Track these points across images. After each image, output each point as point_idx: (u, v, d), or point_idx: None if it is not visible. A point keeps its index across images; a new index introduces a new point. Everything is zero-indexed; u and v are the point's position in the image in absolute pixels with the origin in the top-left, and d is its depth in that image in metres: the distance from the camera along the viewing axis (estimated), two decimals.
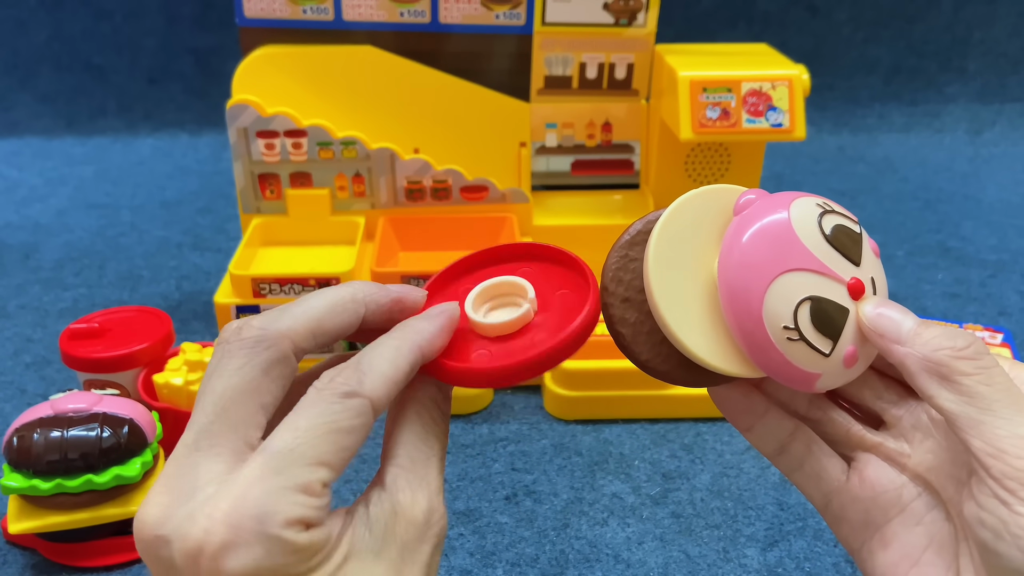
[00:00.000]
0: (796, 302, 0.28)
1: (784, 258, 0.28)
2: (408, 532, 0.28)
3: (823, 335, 0.29)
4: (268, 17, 0.69)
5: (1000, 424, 0.26)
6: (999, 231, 0.97)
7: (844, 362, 0.29)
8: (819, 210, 0.30)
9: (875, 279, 0.30)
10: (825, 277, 0.29)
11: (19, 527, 0.47)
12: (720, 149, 0.75)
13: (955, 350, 0.27)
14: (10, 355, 0.70)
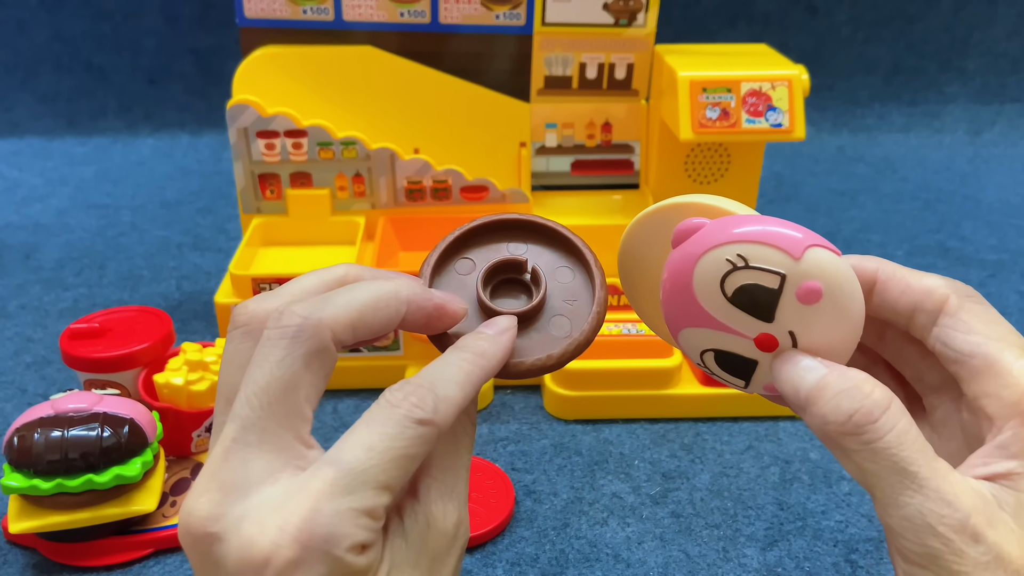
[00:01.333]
0: (700, 350, 0.30)
1: (686, 315, 0.29)
2: (439, 543, 0.28)
3: (734, 376, 0.30)
4: (268, 17, 0.69)
5: (886, 503, 0.25)
6: (998, 231, 0.97)
7: (766, 390, 0.30)
8: (726, 268, 0.28)
9: (797, 331, 0.28)
10: (726, 333, 0.29)
11: (19, 527, 0.47)
12: (720, 149, 0.75)
13: (838, 425, 0.26)
14: (10, 355, 0.70)
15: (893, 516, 0.25)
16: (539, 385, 0.66)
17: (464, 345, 0.30)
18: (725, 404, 0.63)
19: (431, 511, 0.28)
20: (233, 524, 0.25)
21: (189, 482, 0.54)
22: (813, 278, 0.27)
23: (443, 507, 0.28)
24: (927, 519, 0.24)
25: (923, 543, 0.25)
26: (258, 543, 0.24)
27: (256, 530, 0.24)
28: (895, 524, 0.25)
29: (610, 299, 0.66)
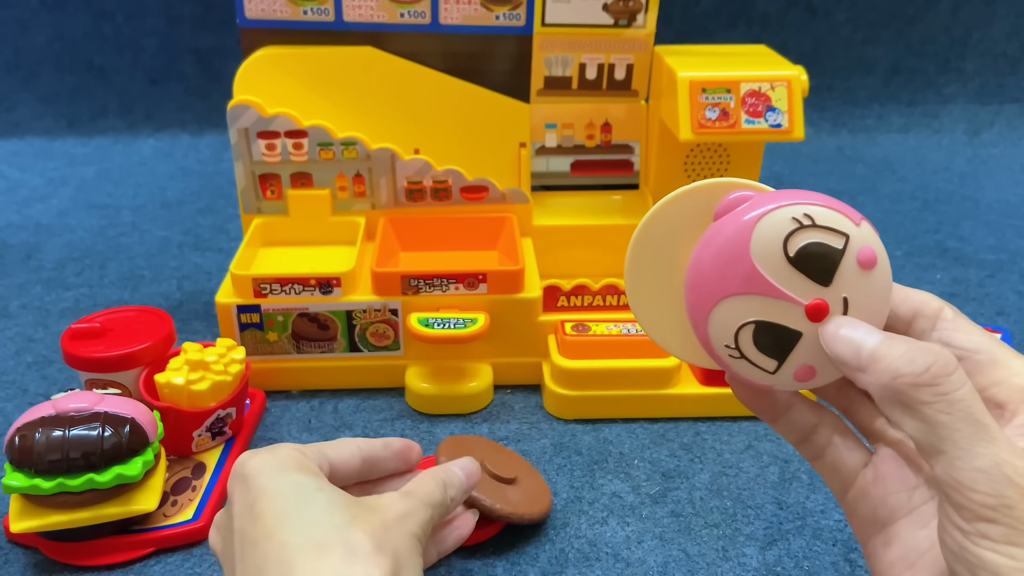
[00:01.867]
0: (738, 325, 0.28)
1: (734, 281, 0.28)
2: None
3: (767, 356, 0.29)
4: (269, 18, 0.69)
5: (958, 455, 0.26)
6: (997, 231, 0.97)
7: (795, 378, 0.29)
8: (792, 226, 0.27)
9: (851, 297, 0.28)
10: (777, 299, 0.28)
11: (21, 526, 0.47)
12: (719, 149, 0.76)
13: (914, 376, 0.26)
14: (12, 355, 0.71)
15: (966, 468, 0.25)
16: (539, 385, 0.66)
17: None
18: (725, 404, 0.63)
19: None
20: None
21: (190, 481, 0.55)
22: (870, 244, 0.28)
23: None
24: (1003, 469, 0.25)
25: (1000, 493, 0.25)
26: None
27: None
28: (967, 477, 0.25)
29: (609, 299, 0.67)
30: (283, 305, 0.63)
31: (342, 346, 0.65)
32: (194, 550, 0.51)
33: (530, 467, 0.55)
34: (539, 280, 0.67)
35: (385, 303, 0.64)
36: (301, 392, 0.66)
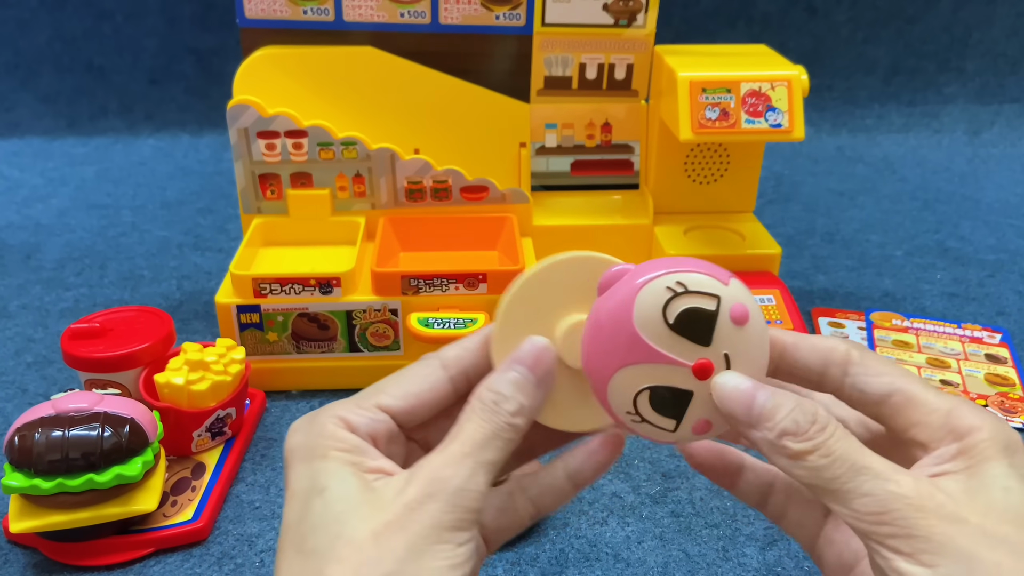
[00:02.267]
0: (635, 392, 0.31)
1: (624, 353, 0.30)
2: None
3: (665, 416, 0.31)
4: (269, 18, 0.69)
5: (846, 491, 0.28)
6: (997, 231, 0.97)
7: (694, 431, 0.31)
8: (667, 295, 0.30)
9: (731, 352, 0.30)
10: (665, 364, 0.30)
11: (20, 526, 0.47)
12: (719, 149, 0.76)
13: (795, 436, 0.29)
14: (11, 355, 0.71)
15: (855, 499, 0.28)
16: None
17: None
18: None
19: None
20: None
21: (189, 481, 0.55)
22: (740, 301, 0.30)
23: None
24: (887, 487, 0.28)
25: (888, 508, 0.27)
26: None
27: None
28: (859, 505, 0.28)
29: None
30: (283, 305, 0.63)
31: (342, 346, 0.65)
32: (194, 550, 0.51)
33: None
34: None
35: (385, 303, 0.64)
36: (301, 392, 0.66)
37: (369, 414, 0.32)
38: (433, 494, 0.29)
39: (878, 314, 0.77)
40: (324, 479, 0.30)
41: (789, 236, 0.95)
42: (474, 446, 0.30)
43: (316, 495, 0.30)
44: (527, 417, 0.32)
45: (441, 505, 0.29)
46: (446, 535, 0.29)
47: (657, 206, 0.76)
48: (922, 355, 0.71)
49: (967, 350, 0.72)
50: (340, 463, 0.31)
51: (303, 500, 0.30)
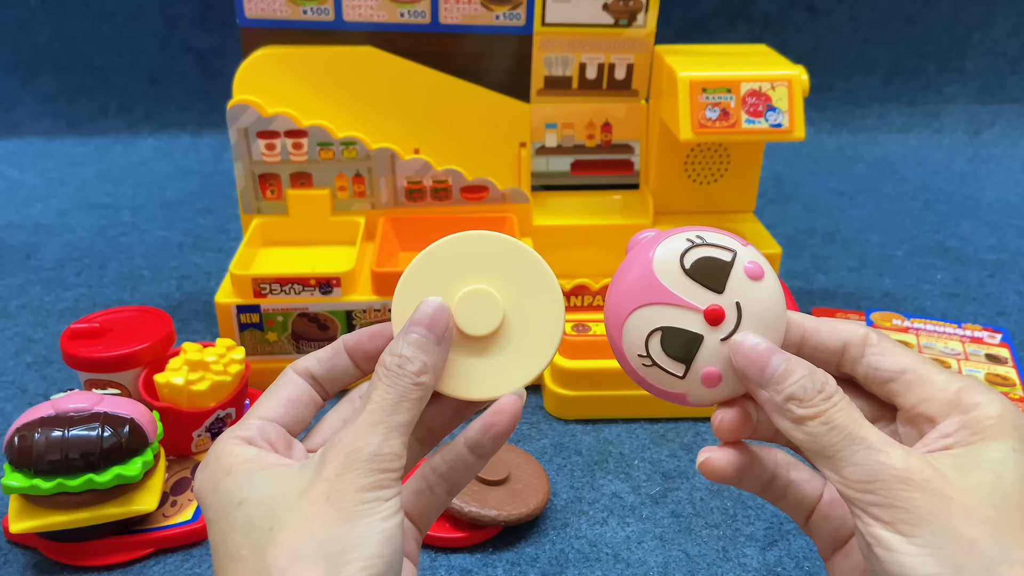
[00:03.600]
0: (647, 332, 0.32)
1: (640, 294, 0.32)
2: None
3: (675, 360, 0.32)
4: (269, 18, 0.69)
5: (840, 458, 0.30)
6: (998, 231, 0.97)
7: (703, 382, 0.32)
8: (685, 245, 0.32)
9: (743, 302, 0.32)
10: (679, 308, 0.32)
11: (20, 526, 0.47)
12: (719, 149, 0.76)
13: (800, 401, 0.30)
14: (11, 355, 0.71)
15: (846, 467, 0.29)
16: (539, 385, 0.66)
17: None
18: None
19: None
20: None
21: (189, 482, 0.55)
22: (755, 260, 0.32)
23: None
24: (877, 458, 0.29)
25: (876, 478, 0.29)
26: None
27: None
28: (849, 472, 0.29)
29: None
30: (283, 305, 0.63)
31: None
32: (194, 550, 0.51)
33: (527, 458, 0.55)
34: None
35: (385, 303, 0.64)
36: None
37: (255, 424, 0.34)
38: (349, 465, 0.30)
39: (878, 314, 0.77)
40: (238, 493, 0.31)
41: (789, 236, 0.95)
42: (382, 412, 0.31)
43: (235, 508, 0.31)
44: (431, 374, 0.33)
45: (359, 472, 0.30)
46: (370, 495, 0.30)
47: (657, 206, 0.76)
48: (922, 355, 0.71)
49: (967, 350, 0.72)
50: (245, 474, 0.31)
51: (223, 519, 0.31)
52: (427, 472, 0.36)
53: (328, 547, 0.29)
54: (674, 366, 0.32)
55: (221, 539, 0.31)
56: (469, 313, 0.34)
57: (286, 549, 0.29)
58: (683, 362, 0.32)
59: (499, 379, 0.35)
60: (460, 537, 0.51)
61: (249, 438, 0.33)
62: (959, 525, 0.28)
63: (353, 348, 0.36)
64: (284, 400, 0.35)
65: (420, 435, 0.36)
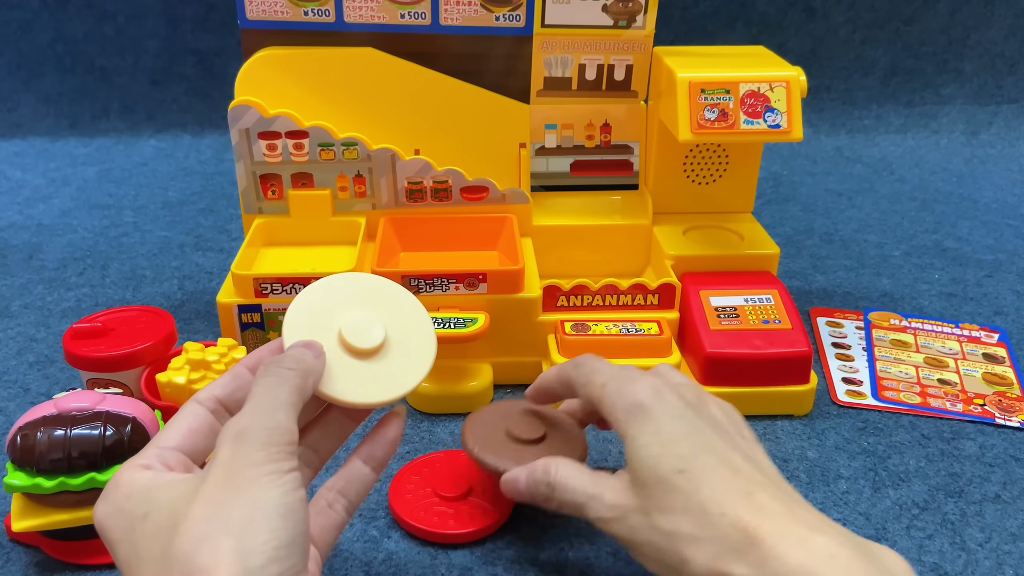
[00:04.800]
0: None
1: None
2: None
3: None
4: (270, 19, 0.69)
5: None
6: (995, 231, 0.97)
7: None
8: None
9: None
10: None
11: (22, 525, 0.47)
12: (718, 150, 0.76)
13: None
14: (14, 354, 0.71)
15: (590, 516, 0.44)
16: None
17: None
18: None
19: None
20: None
21: None
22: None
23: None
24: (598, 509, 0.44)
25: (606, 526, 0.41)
26: None
27: None
28: (593, 521, 0.44)
29: (608, 299, 0.67)
30: (284, 305, 0.64)
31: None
32: None
33: (562, 417, 0.54)
34: (539, 280, 0.67)
35: None
36: None
37: (154, 452, 0.35)
38: (241, 444, 0.31)
39: (876, 314, 0.78)
40: (141, 508, 0.32)
41: (788, 236, 0.95)
42: (263, 396, 0.34)
43: (140, 521, 0.31)
44: (306, 369, 0.36)
45: (252, 447, 0.31)
46: (267, 468, 0.31)
47: (656, 206, 0.76)
48: (920, 355, 0.72)
49: (965, 350, 0.72)
50: (145, 491, 0.32)
51: (131, 533, 0.32)
52: (324, 492, 0.39)
53: (231, 523, 0.29)
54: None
55: (132, 554, 0.31)
56: (356, 330, 0.40)
57: (190, 535, 0.29)
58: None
59: (383, 387, 0.40)
60: (460, 535, 0.51)
61: (147, 464, 0.34)
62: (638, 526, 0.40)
63: (254, 365, 0.38)
64: (183, 430, 0.36)
65: (307, 459, 0.39)
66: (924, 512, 0.55)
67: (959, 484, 0.57)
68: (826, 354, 0.72)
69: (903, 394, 0.66)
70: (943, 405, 0.65)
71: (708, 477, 0.37)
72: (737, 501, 0.36)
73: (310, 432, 0.39)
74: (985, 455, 0.60)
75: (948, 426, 0.63)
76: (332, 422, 0.40)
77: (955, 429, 0.63)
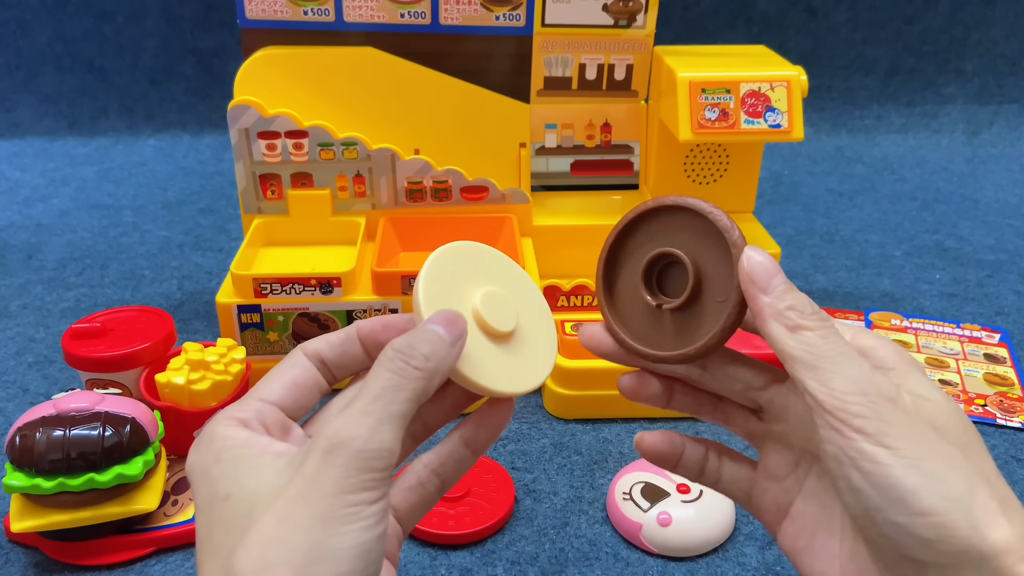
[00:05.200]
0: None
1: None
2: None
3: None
4: (269, 18, 0.69)
5: (833, 370, 0.30)
6: (996, 231, 0.97)
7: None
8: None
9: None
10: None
11: (21, 526, 0.47)
12: (719, 150, 0.76)
13: (801, 312, 0.31)
14: (13, 355, 0.71)
15: (838, 379, 0.30)
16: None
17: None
18: None
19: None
20: None
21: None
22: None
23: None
24: (868, 376, 0.30)
25: (865, 392, 0.30)
26: None
27: None
28: (839, 385, 0.30)
29: None
30: (283, 305, 0.64)
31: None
32: (195, 549, 0.51)
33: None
34: (539, 280, 0.67)
35: (385, 303, 0.64)
36: None
37: (253, 407, 0.32)
38: (333, 458, 0.28)
39: (877, 314, 0.78)
40: (224, 485, 0.29)
41: (788, 236, 0.95)
42: (377, 400, 0.29)
43: (220, 502, 0.29)
44: (435, 368, 0.31)
45: (342, 469, 0.28)
46: (352, 498, 0.28)
47: None
48: (921, 355, 0.71)
49: (966, 350, 0.72)
50: (234, 462, 0.30)
51: (208, 510, 0.29)
52: (418, 468, 0.35)
53: (297, 556, 0.27)
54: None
55: (206, 530, 0.29)
56: (495, 309, 0.35)
57: (255, 555, 0.27)
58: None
59: (520, 375, 0.35)
60: (460, 535, 0.51)
61: (245, 420, 0.31)
62: (936, 442, 0.29)
63: (366, 336, 0.34)
64: (288, 382, 0.33)
65: (414, 430, 0.35)
66: None
67: None
68: None
69: None
70: None
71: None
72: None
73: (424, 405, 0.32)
74: None
75: None
76: (449, 397, 0.36)
77: None
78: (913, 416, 0.30)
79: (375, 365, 0.30)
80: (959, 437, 0.30)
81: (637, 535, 0.51)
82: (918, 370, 0.32)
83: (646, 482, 0.53)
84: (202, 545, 0.30)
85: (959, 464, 0.29)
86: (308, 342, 0.34)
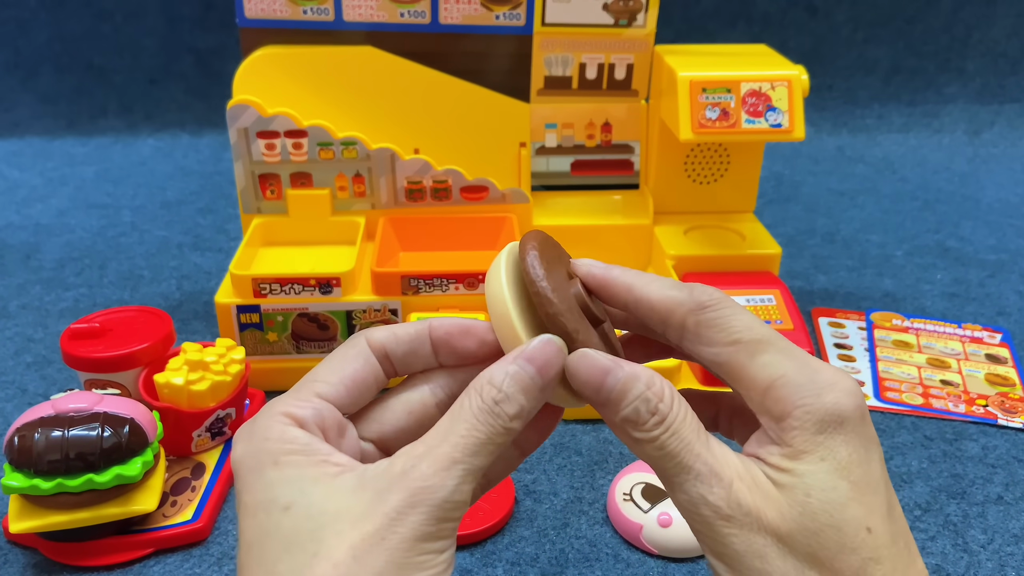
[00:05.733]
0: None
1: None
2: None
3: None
4: (269, 18, 0.69)
5: (684, 482, 0.30)
6: (998, 231, 0.97)
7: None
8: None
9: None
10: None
11: (20, 526, 0.47)
12: (719, 149, 0.76)
13: (637, 425, 0.30)
14: (11, 355, 0.71)
15: (679, 497, 0.30)
16: None
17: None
18: None
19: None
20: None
21: (189, 482, 0.55)
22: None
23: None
24: (702, 493, 0.29)
25: (698, 512, 0.29)
26: None
27: None
28: (681, 500, 0.30)
29: None
30: (283, 305, 0.63)
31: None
32: (194, 550, 0.51)
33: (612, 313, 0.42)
34: None
35: (385, 303, 0.64)
36: None
37: (312, 404, 0.30)
38: (416, 504, 0.27)
39: (878, 314, 0.77)
40: (285, 493, 0.28)
41: (789, 236, 0.95)
42: (465, 451, 0.28)
43: (280, 511, 0.28)
44: (525, 420, 0.30)
45: (424, 516, 0.27)
46: (427, 546, 0.28)
47: (657, 206, 0.76)
48: (922, 355, 0.71)
49: (967, 350, 0.72)
50: (296, 469, 0.28)
51: (263, 516, 0.28)
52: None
53: None
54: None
55: (257, 538, 0.28)
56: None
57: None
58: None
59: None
60: (460, 536, 0.51)
61: (302, 420, 0.30)
62: (773, 559, 0.28)
63: (441, 341, 0.33)
64: (348, 380, 0.31)
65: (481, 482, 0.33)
66: (926, 513, 0.54)
67: (961, 485, 0.57)
68: (828, 355, 0.71)
69: (905, 395, 0.66)
70: (945, 406, 0.65)
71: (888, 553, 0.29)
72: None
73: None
74: (987, 456, 0.60)
75: (950, 427, 0.63)
76: (513, 449, 0.34)
77: (957, 430, 0.62)
78: (756, 531, 0.29)
79: (464, 403, 0.29)
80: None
81: (637, 536, 0.51)
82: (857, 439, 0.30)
83: (646, 483, 0.53)
84: (249, 551, 0.28)
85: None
86: (374, 330, 0.33)
